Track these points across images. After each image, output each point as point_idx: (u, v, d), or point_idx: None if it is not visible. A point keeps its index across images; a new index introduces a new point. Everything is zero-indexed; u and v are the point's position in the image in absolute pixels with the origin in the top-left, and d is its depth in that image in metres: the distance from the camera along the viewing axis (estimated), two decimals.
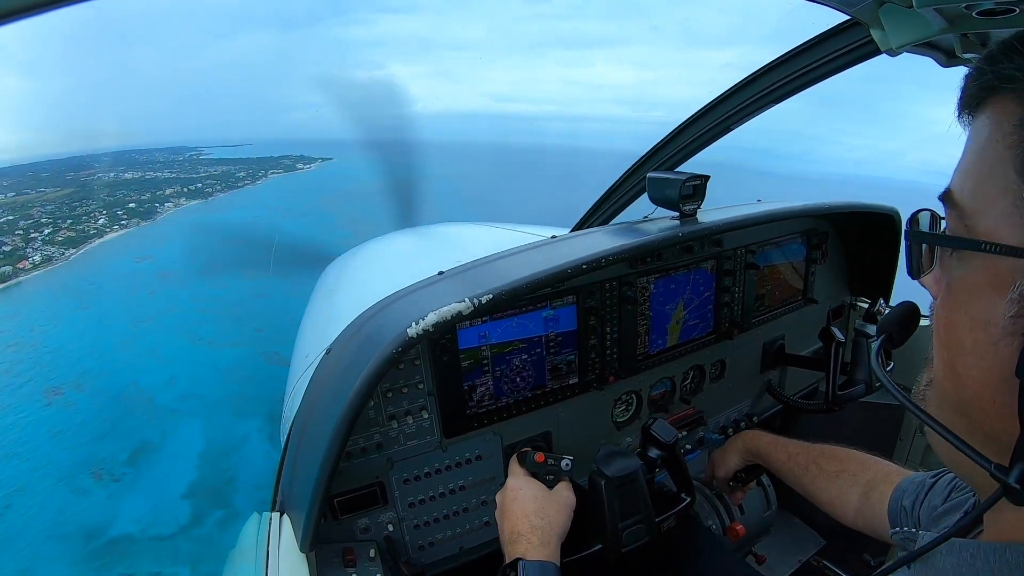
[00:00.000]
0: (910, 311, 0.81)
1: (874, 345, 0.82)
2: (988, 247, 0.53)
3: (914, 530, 0.91)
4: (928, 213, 0.65)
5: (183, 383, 21.86)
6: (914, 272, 0.66)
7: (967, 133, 0.59)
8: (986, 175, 0.55)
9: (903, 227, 0.67)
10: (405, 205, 5.49)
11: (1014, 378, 0.51)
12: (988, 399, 0.56)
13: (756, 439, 1.84)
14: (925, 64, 1.42)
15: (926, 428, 0.65)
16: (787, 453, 1.71)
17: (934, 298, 0.64)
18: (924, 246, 0.64)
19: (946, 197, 0.60)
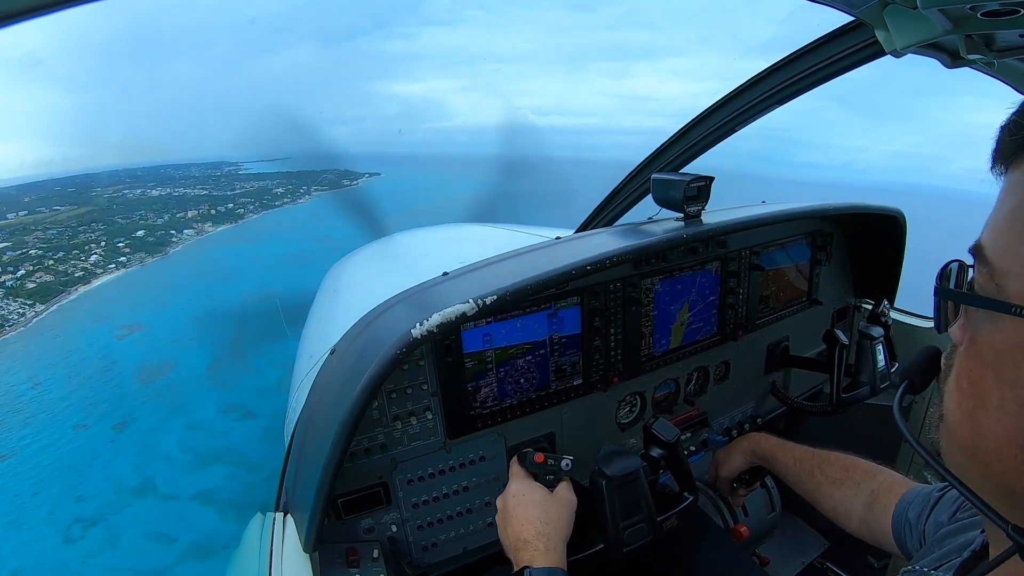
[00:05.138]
0: (932, 357, 0.79)
1: (896, 395, 0.80)
2: (1019, 311, 0.52)
3: (926, 569, 0.92)
4: (957, 264, 0.63)
5: None
6: (941, 327, 0.63)
7: (1000, 185, 0.57)
8: (1019, 236, 0.54)
9: (936, 281, 0.64)
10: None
11: None
12: (1010, 455, 0.55)
13: (761, 441, 1.84)
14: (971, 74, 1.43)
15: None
16: (792, 457, 1.71)
17: (955, 344, 0.63)
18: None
19: (977, 251, 0.58)
